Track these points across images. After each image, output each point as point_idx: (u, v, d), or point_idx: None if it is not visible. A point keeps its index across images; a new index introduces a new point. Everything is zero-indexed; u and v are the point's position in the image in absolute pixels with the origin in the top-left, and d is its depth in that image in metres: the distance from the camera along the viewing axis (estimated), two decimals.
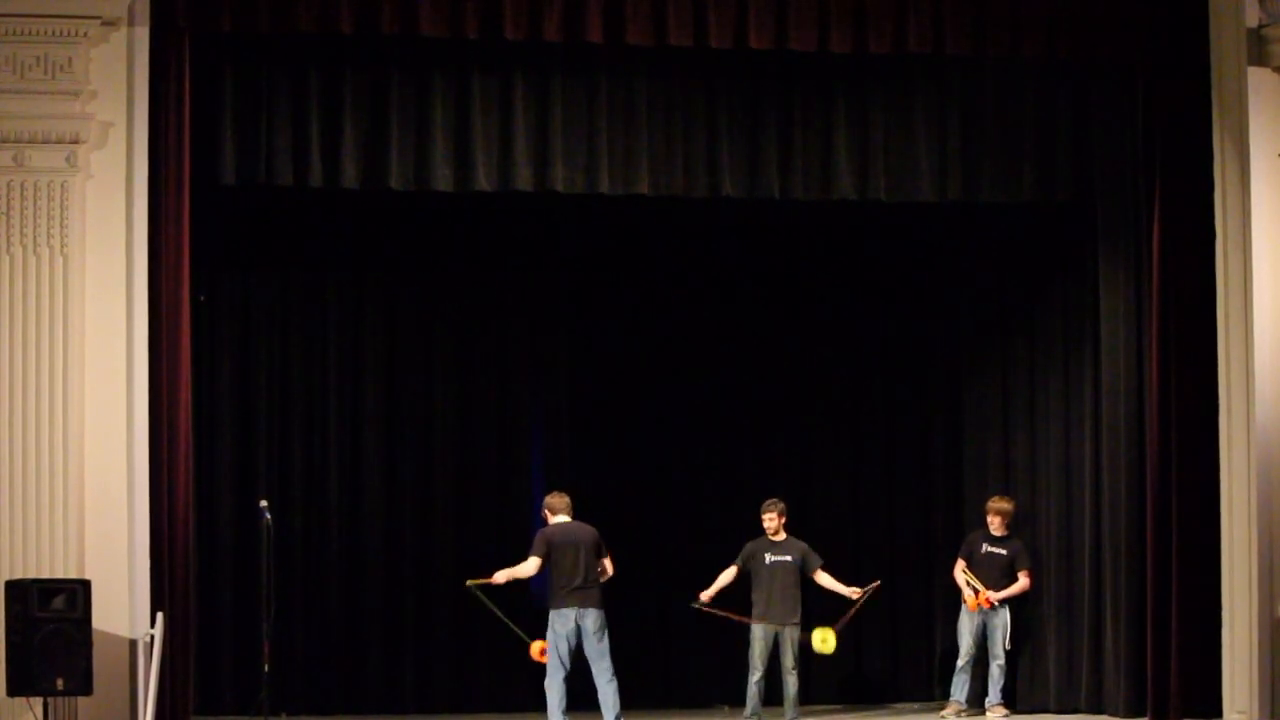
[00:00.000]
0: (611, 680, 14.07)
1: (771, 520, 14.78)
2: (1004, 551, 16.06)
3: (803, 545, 14.80)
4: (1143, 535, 15.07)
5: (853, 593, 14.75)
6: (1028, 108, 15.30)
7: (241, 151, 14.18)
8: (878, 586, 15.01)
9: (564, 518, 14.28)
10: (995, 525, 16.12)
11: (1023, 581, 16.00)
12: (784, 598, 14.66)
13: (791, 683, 14.64)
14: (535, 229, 16.57)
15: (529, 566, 14.19)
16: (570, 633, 14.04)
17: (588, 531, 14.19)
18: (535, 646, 14.25)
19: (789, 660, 14.60)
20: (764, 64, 14.74)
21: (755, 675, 14.70)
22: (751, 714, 14.72)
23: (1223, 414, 14.72)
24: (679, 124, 14.76)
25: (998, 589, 15.92)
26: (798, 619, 14.73)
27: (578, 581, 14.04)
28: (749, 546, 14.84)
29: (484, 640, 16.61)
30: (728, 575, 14.88)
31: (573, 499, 15.50)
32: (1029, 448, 16.69)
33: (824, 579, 14.84)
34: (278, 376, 16.51)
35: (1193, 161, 14.87)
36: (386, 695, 16.45)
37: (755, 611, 14.76)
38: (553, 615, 14.11)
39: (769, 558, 14.71)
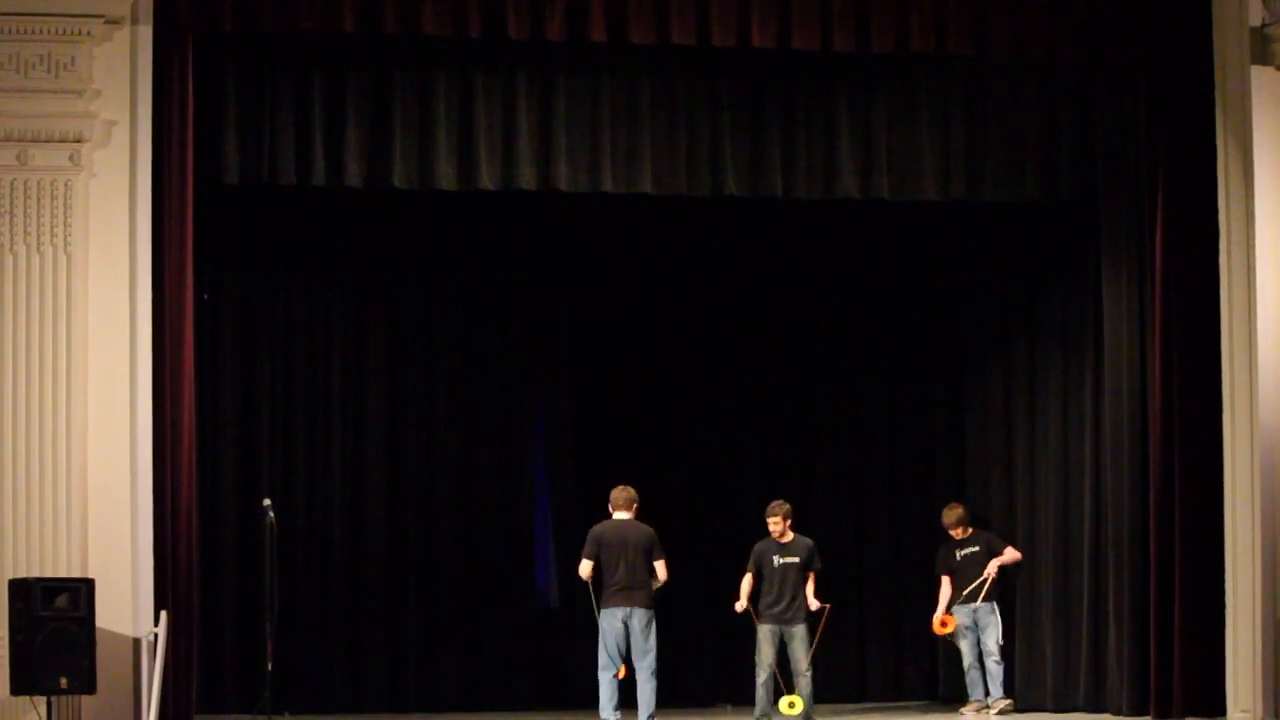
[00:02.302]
0: (650, 679, 13.99)
1: (776, 523, 14.72)
2: (978, 548, 16.14)
3: (809, 543, 14.76)
4: (1146, 533, 15.06)
5: (813, 604, 14.70)
6: (1031, 107, 15.30)
7: (244, 150, 14.17)
8: (828, 610, 14.88)
9: (622, 514, 14.18)
10: (958, 533, 16.17)
11: (1012, 553, 16.03)
12: (792, 598, 14.62)
13: (805, 684, 14.56)
14: (538, 228, 16.58)
15: (582, 570, 14.18)
16: (617, 633, 13.97)
17: (640, 532, 14.09)
18: None
19: (803, 662, 14.54)
20: (767, 63, 14.73)
21: (762, 676, 14.63)
22: (760, 715, 14.67)
23: (1226, 413, 14.71)
24: (682, 123, 14.75)
25: (984, 582, 15.94)
26: (805, 619, 14.68)
27: (624, 582, 13.96)
28: (757, 548, 14.78)
29: (487, 639, 16.63)
30: (747, 582, 14.73)
31: (575, 498, 15.54)
32: (1031, 446, 16.69)
33: (808, 583, 14.83)
34: (280, 375, 16.54)
35: (1196, 160, 14.85)
36: (389, 694, 16.48)
37: (762, 612, 14.72)
38: (601, 614, 14.06)
39: (777, 559, 14.66)
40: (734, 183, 14.79)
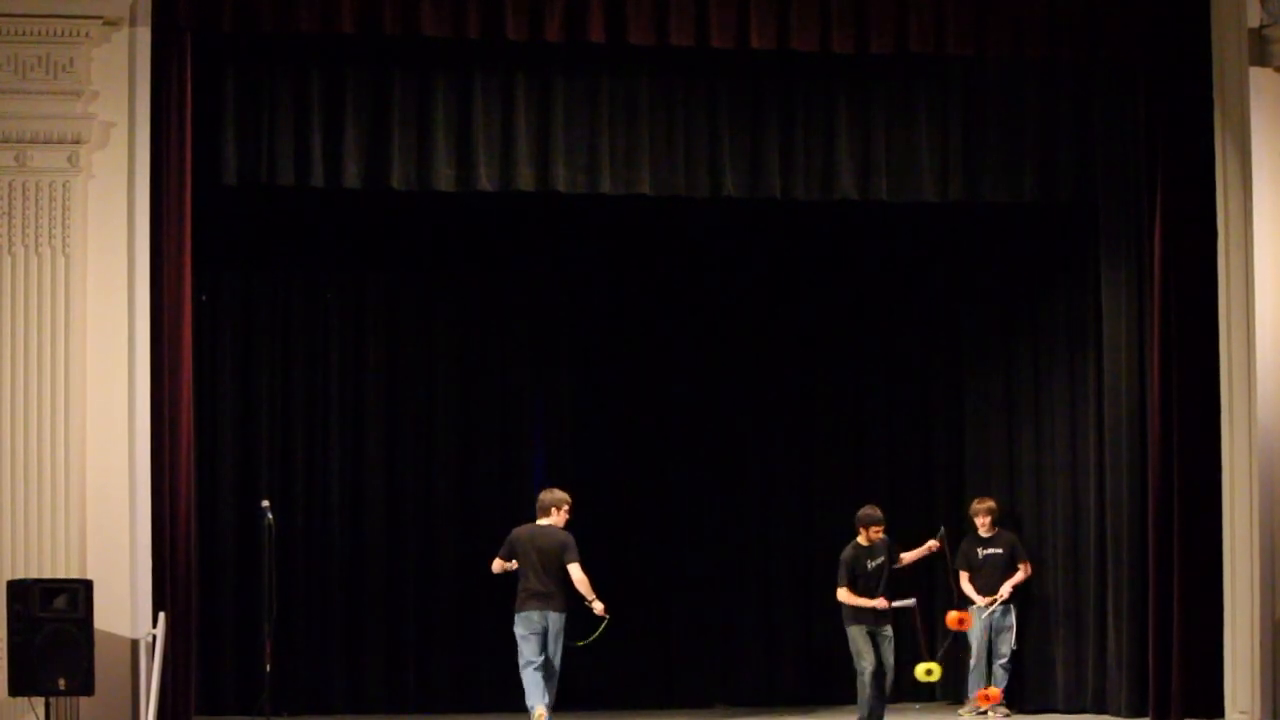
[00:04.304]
0: (552, 678, 14.12)
1: (878, 532, 14.64)
2: (1000, 550, 16.12)
3: (886, 540, 14.75)
4: (1144, 535, 15.07)
5: (930, 546, 14.91)
6: (1029, 108, 15.30)
7: (243, 151, 14.18)
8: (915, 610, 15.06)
9: (543, 520, 14.25)
10: (985, 526, 16.16)
11: (1024, 571, 16.03)
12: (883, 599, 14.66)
13: (889, 681, 14.67)
14: (537, 229, 16.57)
15: (494, 566, 14.31)
16: (535, 634, 14.05)
17: (552, 538, 14.10)
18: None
19: (890, 658, 14.60)
20: (766, 64, 14.73)
21: (867, 673, 14.52)
22: (870, 714, 14.62)
23: (1224, 414, 14.71)
24: (680, 124, 14.75)
25: (1001, 589, 15.94)
26: (892, 619, 14.74)
27: (535, 588, 14.05)
28: (848, 555, 14.55)
29: (485, 640, 16.62)
30: (848, 594, 14.58)
31: (575, 498, 15.48)
32: (1032, 448, 16.68)
33: (906, 556, 14.86)
34: (279, 376, 16.53)
35: (1194, 161, 14.86)
36: (388, 695, 16.47)
37: (858, 615, 14.62)
38: (516, 617, 14.13)
39: (869, 563, 14.60)
40: (732, 184, 14.79)
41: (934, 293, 17.53)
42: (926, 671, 14.68)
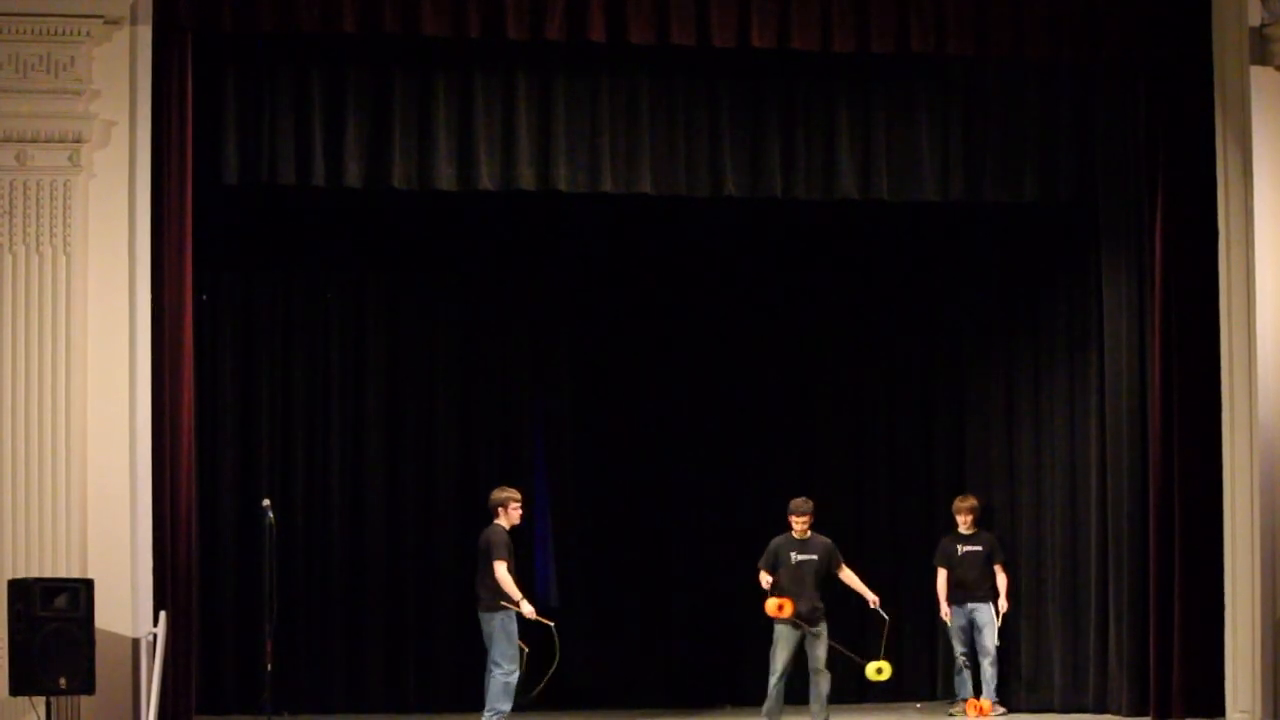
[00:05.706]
0: (489, 675, 14.19)
1: (803, 521, 14.62)
2: (980, 548, 16.16)
3: (827, 542, 14.65)
4: (1145, 533, 15.08)
5: (873, 600, 14.65)
6: (1030, 107, 15.32)
7: (244, 150, 14.19)
8: (888, 623, 14.93)
9: (495, 521, 14.34)
10: (966, 524, 16.18)
11: (1002, 577, 16.05)
12: (810, 597, 14.53)
13: (823, 683, 14.41)
14: (538, 228, 16.58)
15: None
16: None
17: (482, 540, 14.23)
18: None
19: (820, 660, 14.43)
20: (766, 63, 14.75)
21: (775, 676, 14.51)
22: (766, 714, 14.56)
23: (1225, 412, 14.72)
24: (681, 123, 14.76)
25: (980, 586, 16.01)
26: (824, 618, 14.58)
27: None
28: (773, 544, 14.61)
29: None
30: (766, 579, 14.48)
31: (575, 499, 15.52)
32: (1032, 447, 16.69)
33: (847, 576, 14.70)
34: (280, 376, 16.53)
35: (1195, 160, 14.87)
36: (388, 694, 16.48)
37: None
38: None
39: (795, 556, 14.56)
40: (733, 183, 14.80)
41: (934, 293, 17.54)
42: (877, 670, 14.64)
